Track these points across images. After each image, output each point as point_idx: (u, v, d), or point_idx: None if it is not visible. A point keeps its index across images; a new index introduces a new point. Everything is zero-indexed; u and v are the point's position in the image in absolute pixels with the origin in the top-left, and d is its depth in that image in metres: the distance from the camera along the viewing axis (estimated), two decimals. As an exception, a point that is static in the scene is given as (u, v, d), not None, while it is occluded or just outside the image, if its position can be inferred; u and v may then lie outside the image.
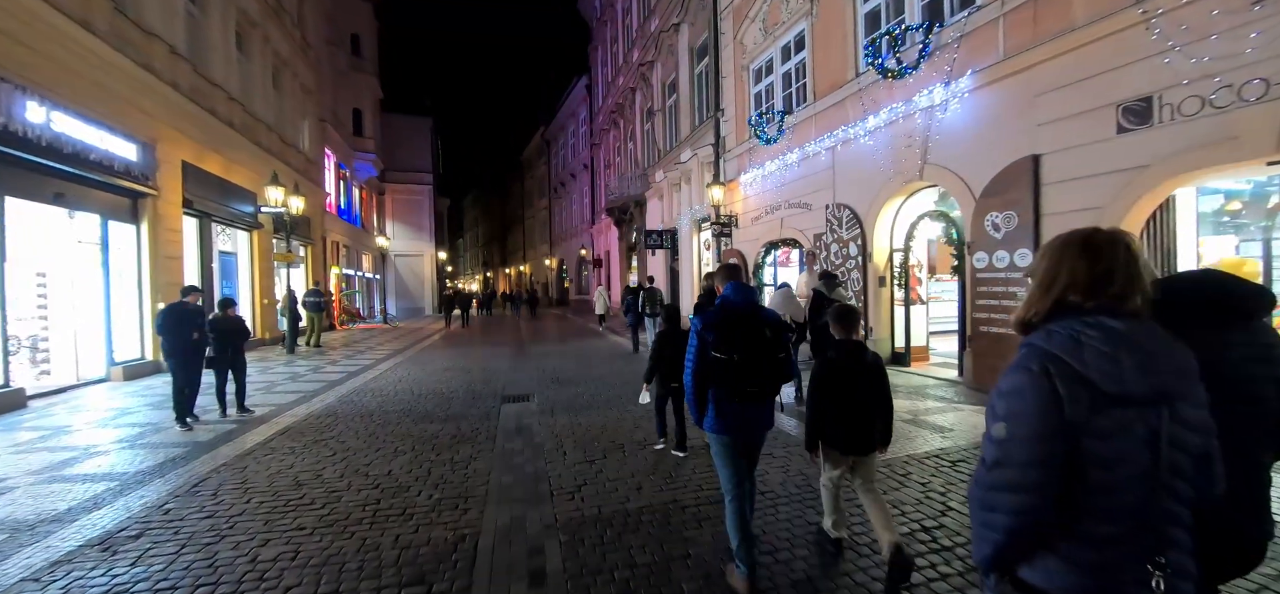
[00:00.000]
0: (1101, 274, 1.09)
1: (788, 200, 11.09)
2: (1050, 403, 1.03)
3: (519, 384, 8.88)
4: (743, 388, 2.62)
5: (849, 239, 9.29)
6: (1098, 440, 1.02)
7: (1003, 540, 1.11)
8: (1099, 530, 1.04)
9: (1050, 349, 1.07)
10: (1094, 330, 1.05)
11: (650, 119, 20.53)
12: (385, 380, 9.40)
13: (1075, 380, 1.02)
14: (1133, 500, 1.02)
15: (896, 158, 8.21)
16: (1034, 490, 1.05)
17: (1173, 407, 1.03)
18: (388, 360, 12.01)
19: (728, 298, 2.77)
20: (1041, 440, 1.04)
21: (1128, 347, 1.03)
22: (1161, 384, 1.03)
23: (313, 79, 20.28)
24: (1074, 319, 1.09)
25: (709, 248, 15.75)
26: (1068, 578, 1.05)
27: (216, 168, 12.91)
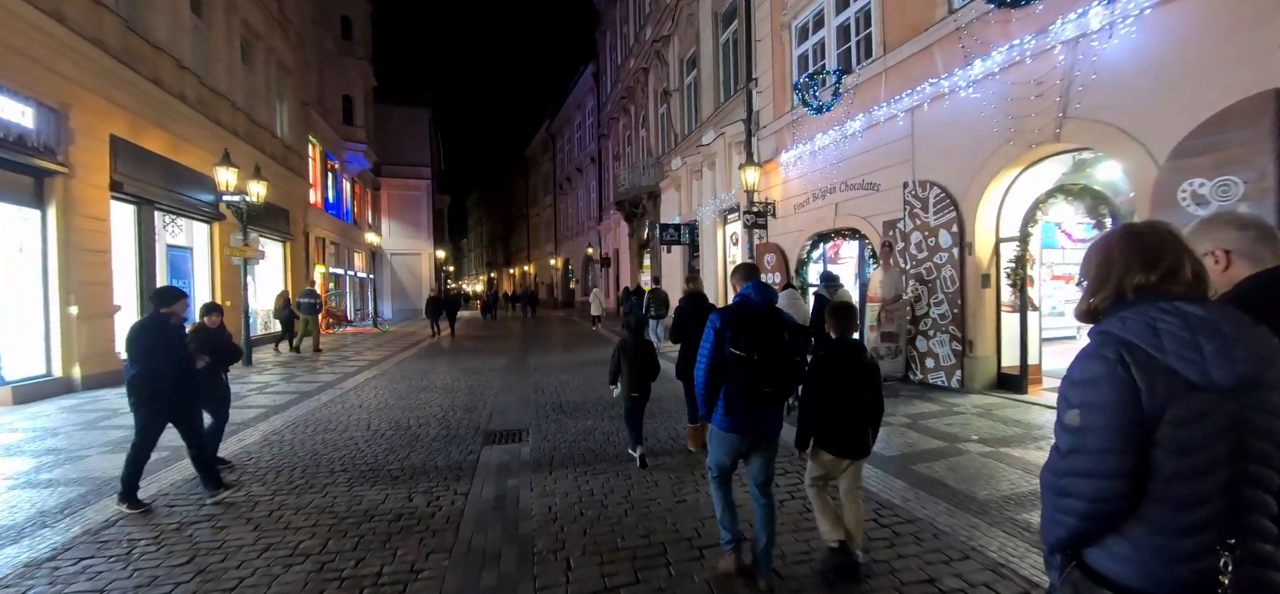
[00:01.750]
0: (1171, 265, 1.08)
1: (845, 181, 8.98)
2: (1126, 391, 1.01)
3: (510, 412, 6.83)
4: (759, 389, 2.56)
5: (938, 226, 7.17)
6: (1175, 428, 1.00)
7: (1077, 524, 1.09)
8: (1172, 518, 1.01)
9: (1125, 336, 1.05)
10: (1172, 316, 1.03)
11: (666, 101, 18.46)
12: (342, 405, 7.36)
13: (1153, 368, 1.01)
14: (1208, 488, 1.00)
15: (1015, 115, 6.10)
16: (1110, 478, 1.03)
17: (1256, 393, 1.00)
18: (360, 374, 9.99)
19: (747, 296, 2.74)
20: (1118, 429, 1.02)
21: (1208, 332, 1.01)
22: (1244, 370, 0.99)
23: (293, 58, 18.34)
24: (1149, 305, 1.06)
25: (737, 242, 13.64)
26: (1137, 564, 1.04)
27: (160, 146, 10.94)
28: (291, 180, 17.95)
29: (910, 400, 6.61)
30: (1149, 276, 1.09)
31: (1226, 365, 0.98)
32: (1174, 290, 1.07)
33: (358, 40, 25.59)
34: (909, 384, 7.42)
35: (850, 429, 2.77)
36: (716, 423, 2.68)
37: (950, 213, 7.00)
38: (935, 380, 7.17)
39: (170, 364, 3.97)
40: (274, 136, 16.83)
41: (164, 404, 3.98)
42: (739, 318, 2.64)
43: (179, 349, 4.07)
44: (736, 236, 13.58)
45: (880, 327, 7.28)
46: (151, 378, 3.90)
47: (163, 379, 3.93)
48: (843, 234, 9.46)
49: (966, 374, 6.83)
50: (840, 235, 9.60)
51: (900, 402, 6.56)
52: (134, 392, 3.92)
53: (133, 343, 3.91)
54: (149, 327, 4.00)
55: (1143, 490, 1.02)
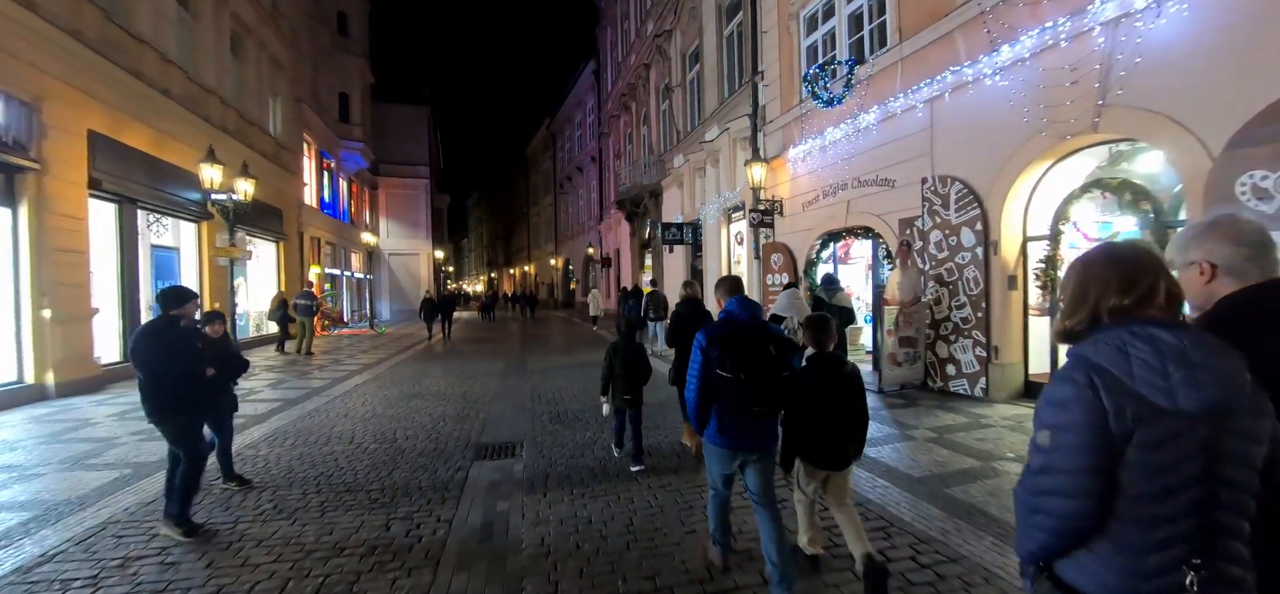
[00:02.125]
0: (1147, 288, 1.09)
1: (858, 177, 8.54)
2: (1094, 414, 1.04)
3: (504, 424, 6.40)
4: (749, 407, 2.54)
5: (960, 224, 6.73)
6: (1142, 451, 1.02)
7: (1047, 539, 1.12)
8: (1139, 536, 1.04)
9: (1097, 360, 1.07)
10: (1143, 342, 1.04)
11: (668, 97, 18.02)
12: (327, 414, 6.94)
13: (1121, 392, 1.03)
14: (1176, 509, 1.02)
15: (1047, 104, 5.66)
16: (1078, 497, 1.06)
17: (1230, 420, 1.02)
18: (350, 379, 9.57)
19: (732, 313, 2.71)
20: (1086, 451, 1.04)
21: (1177, 358, 1.02)
22: (1210, 397, 1.00)
23: (286, 54, 17.94)
24: (1121, 329, 1.08)
25: (742, 241, 13.21)
26: (1104, 579, 1.06)
27: (144, 143, 10.53)
28: (285, 179, 17.55)
29: (933, 411, 6.17)
30: (1123, 300, 1.10)
31: (1193, 392, 1.01)
32: (1149, 314, 1.09)
33: (355, 37, 25.19)
34: (928, 392, 6.99)
35: (831, 441, 2.75)
36: (709, 439, 2.70)
37: (973, 210, 6.56)
38: (957, 388, 6.73)
39: (182, 371, 3.58)
40: (266, 134, 16.43)
41: (189, 408, 3.65)
42: (724, 336, 2.61)
43: (191, 354, 3.66)
44: (741, 236, 13.15)
45: (898, 331, 6.84)
46: (165, 386, 3.53)
47: (180, 385, 3.58)
48: (855, 233, 9.02)
49: (991, 382, 6.39)
50: (852, 234, 9.15)
51: (922, 412, 6.12)
52: (149, 402, 3.54)
53: (138, 349, 3.53)
54: (157, 331, 3.61)
55: (1110, 509, 1.05)
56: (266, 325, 16.89)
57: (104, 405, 7.59)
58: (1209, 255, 1.34)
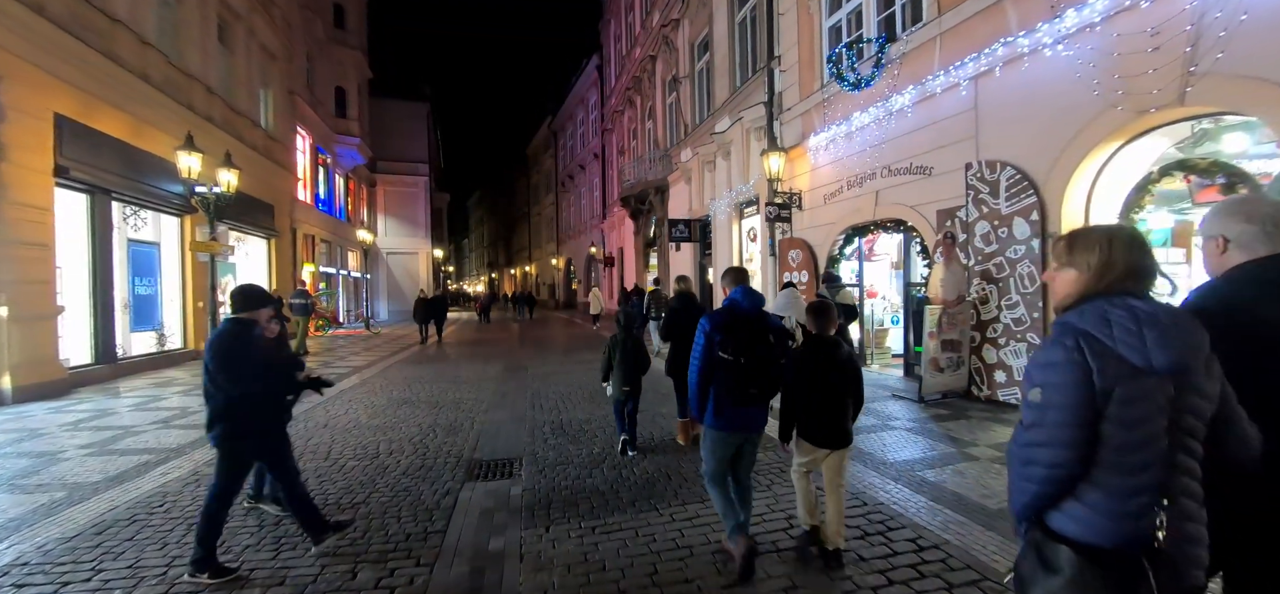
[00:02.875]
0: (1146, 263, 1.25)
1: (889, 165, 7.82)
2: (1080, 371, 1.18)
3: (500, 436, 5.70)
4: (746, 390, 2.69)
5: (1011, 214, 6.02)
6: (1122, 405, 1.16)
7: (1038, 489, 1.25)
8: (1119, 482, 1.18)
9: (1082, 326, 1.22)
10: (1121, 310, 1.20)
11: (674, 89, 17.33)
12: (307, 424, 6.23)
13: (1104, 354, 1.18)
14: (1150, 457, 1.17)
15: (1123, 75, 4.95)
16: (1066, 447, 1.20)
17: (1187, 378, 1.18)
18: (338, 383, 8.85)
19: (736, 301, 2.84)
20: (1073, 405, 1.18)
21: (1151, 324, 1.18)
22: (1178, 358, 1.16)
23: (278, 43, 17.26)
24: (1102, 301, 1.23)
25: (755, 238, 12.50)
26: (1089, 523, 1.20)
27: (120, 130, 9.85)
28: (276, 173, 16.86)
29: (986, 424, 5.46)
30: (1128, 282, 1.24)
31: (1162, 353, 1.16)
32: (1129, 287, 1.24)
33: (351, 29, 24.53)
34: (974, 401, 6.27)
35: (829, 420, 2.88)
36: (708, 422, 2.83)
37: (1028, 198, 5.85)
38: (1008, 397, 6.02)
39: (261, 384, 3.03)
40: (256, 126, 15.74)
41: (257, 438, 3.09)
42: (728, 322, 2.76)
43: (268, 366, 3.10)
44: (754, 232, 12.44)
45: (940, 333, 6.13)
46: (246, 404, 2.98)
47: (261, 404, 3.06)
48: (884, 226, 8.30)
49: (1049, 391, 5.67)
50: (880, 228, 8.44)
51: (975, 426, 5.41)
52: (222, 422, 2.98)
53: (220, 360, 2.93)
54: (237, 337, 3.01)
55: (1093, 459, 1.19)
56: (256, 325, 16.24)
57: (62, 413, 6.90)
58: (1225, 230, 1.47)
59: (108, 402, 7.60)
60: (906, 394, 6.61)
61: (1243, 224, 1.45)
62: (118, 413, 6.90)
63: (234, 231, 14.96)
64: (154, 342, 11.29)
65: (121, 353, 10.18)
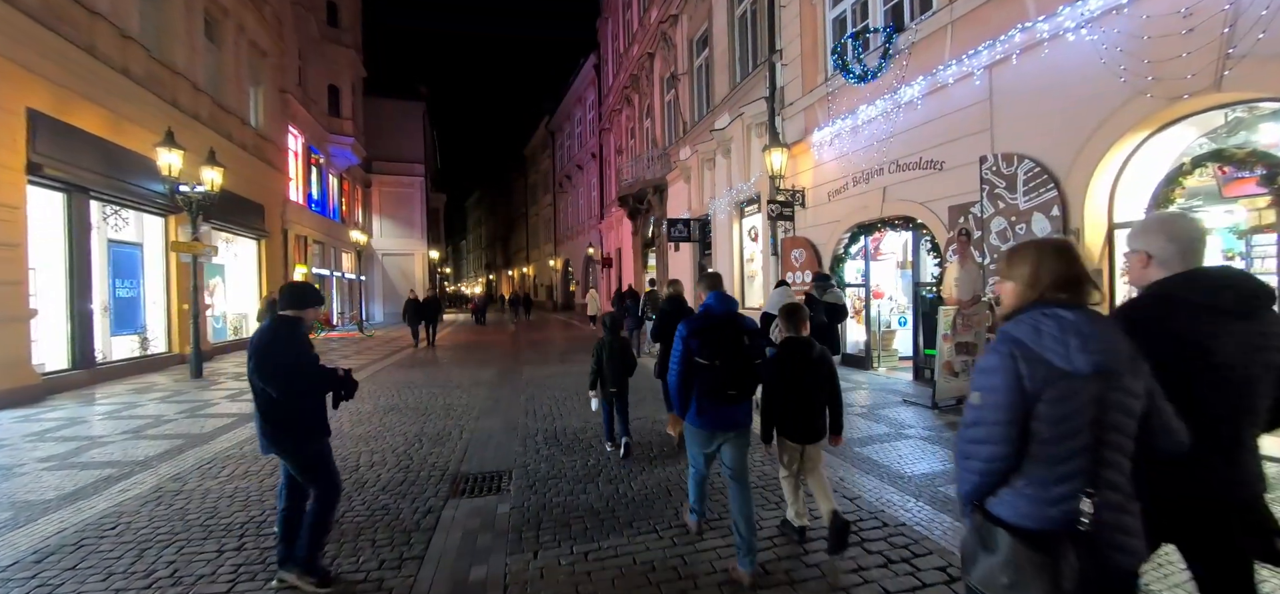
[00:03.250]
0: (1076, 274, 1.38)
1: (897, 160, 7.51)
2: (1014, 377, 1.33)
3: (490, 446, 5.36)
4: (724, 391, 2.76)
5: (1030, 209, 5.70)
6: (1049, 404, 1.30)
7: (977, 480, 1.42)
8: (1048, 472, 1.33)
9: (1016, 335, 1.35)
10: (1049, 320, 1.33)
11: (673, 87, 17.02)
12: (254, 447, 5.88)
13: (1033, 359, 1.32)
14: (1075, 449, 1.31)
15: (1152, 59, 4.64)
16: (1000, 444, 1.36)
17: (1112, 379, 1.31)
18: (321, 390, 8.52)
19: (710, 306, 2.93)
20: (1006, 406, 1.34)
21: (1074, 331, 1.31)
22: (1098, 361, 1.29)
23: (269, 40, 16.93)
24: (1037, 310, 1.36)
25: (756, 237, 12.18)
26: (1022, 507, 1.35)
27: (99, 126, 9.51)
28: (266, 172, 16.52)
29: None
30: (1058, 293, 1.37)
31: (1083, 357, 1.29)
32: (1059, 297, 1.36)
33: (345, 27, 24.19)
34: (990, 407, 5.93)
35: (804, 417, 3.01)
36: (690, 422, 2.93)
37: (1048, 192, 5.53)
38: (1025, 403, 5.68)
39: (309, 387, 2.85)
40: (246, 124, 15.39)
41: (324, 430, 2.95)
42: (703, 327, 2.85)
43: (317, 367, 2.88)
44: (755, 231, 12.13)
45: (954, 336, 5.81)
46: (304, 404, 2.83)
47: (316, 402, 2.91)
48: (892, 224, 7.98)
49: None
50: (887, 226, 8.12)
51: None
52: (277, 426, 2.79)
53: (268, 362, 2.72)
54: (285, 336, 2.79)
55: (1024, 452, 1.34)
56: (247, 328, 15.89)
57: (29, 422, 6.54)
58: (1148, 246, 1.62)
59: (80, 410, 7.25)
60: (918, 400, 6.29)
61: (1165, 242, 1.60)
62: (88, 422, 6.55)
63: (223, 232, 14.62)
64: (137, 345, 10.94)
65: (101, 357, 9.83)
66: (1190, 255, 1.57)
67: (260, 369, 2.71)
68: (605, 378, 4.88)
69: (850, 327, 9.20)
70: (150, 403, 7.65)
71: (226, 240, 14.95)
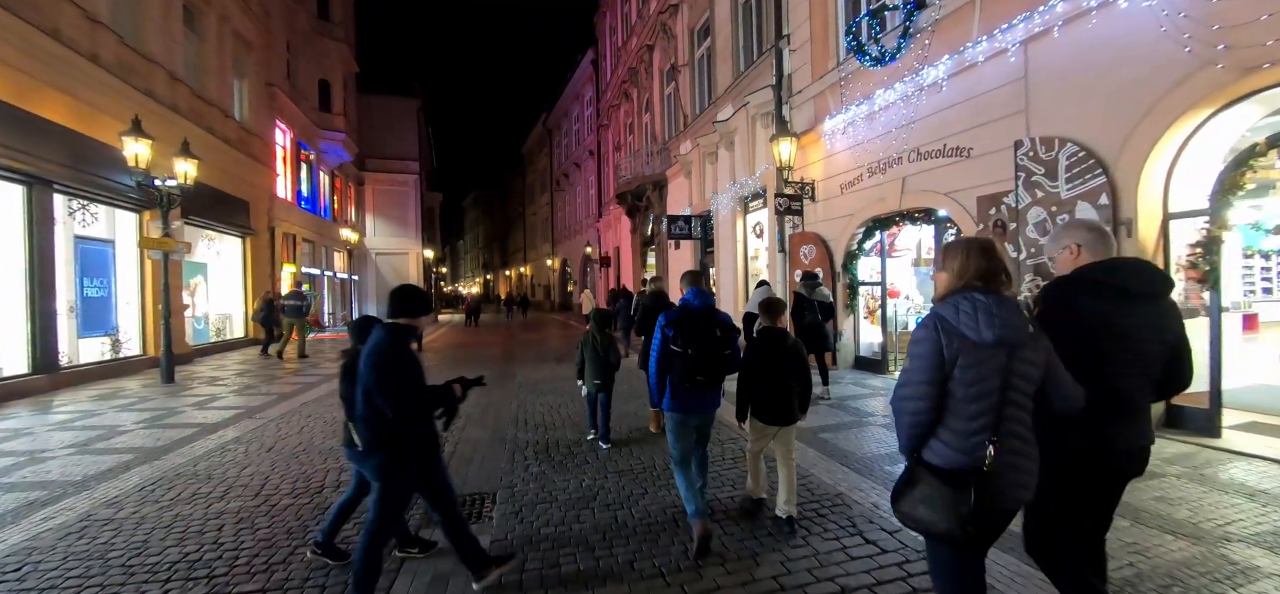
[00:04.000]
0: (990, 268, 1.68)
1: (918, 147, 6.96)
2: (935, 346, 1.64)
3: (475, 462, 4.81)
4: (694, 376, 3.03)
5: (1073, 198, 5.15)
6: (962, 370, 1.62)
7: (907, 431, 1.73)
8: (962, 424, 1.65)
9: (941, 313, 1.67)
10: (966, 302, 1.64)
11: (673, 79, 16.46)
12: (248, 447, 5.32)
13: (951, 332, 1.63)
14: (983, 407, 1.62)
15: (1224, 24, 4.09)
16: (923, 399, 1.67)
17: (1014, 349, 1.61)
18: (300, 395, 7.94)
19: (688, 301, 3.21)
20: (929, 369, 1.65)
21: (984, 311, 1.61)
22: (1000, 334, 1.59)
23: (255, 31, 16.33)
24: (960, 294, 1.67)
25: (761, 233, 11.63)
26: (941, 453, 1.68)
27: (63, 115, 8.93)
28: (251, 168, 15.92)
29: (1052, 446, 4.60)
30: (977, 281, 1.68)
31: (990, 330, 1.59)
32: (979, 286, 1.66)
33: (337, 21, 23.56)
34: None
35: (777, 402, 3.32)
36: (667, 408, 3.18)
37: (1095, 178, 4.98)
38: (1067, 413, 5.13)
39: (419, 401, 2.60)
40: (229, 117, 14.79)
41: (418, 464, 2.70)
42: (680, 319, 3.12)
43: (423, 380, 2.60)
44: (760, 227, 11.58)
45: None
46: (407, 425, 2.56)
47: (420, 424, 2.67)
48: (912, 217, 7.42)
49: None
50: (907, 218, 7.56)
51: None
52: (386, 448, 2.54)
53: (382, 375, 2.44)
54: (397, 345, 2.52)
55: (944, 408, 1.66)
56: (231, 329, 15.31)
57: (-31, 433, 5.95)
58: (1076, 239, 1.97)
59: (31, 419, 6.67)
60: None
61: (1088, 234, 1.98)
62: (34, 433, 5.96)
63: (205, 230, 14.04)
64: (107, 348, 10.34)
65: (66, 361, 9.23)
66: (1108, 247, 1.94)
67: (382, 386, 2.41)
68: (589, 371, 5.06)
69: (865, 328, 8.66)
70: (111, 411, 7.06)
71: (209, 238, 14.36)
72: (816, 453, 4.69)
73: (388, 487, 2.57)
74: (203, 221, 13.66)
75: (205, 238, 14.25)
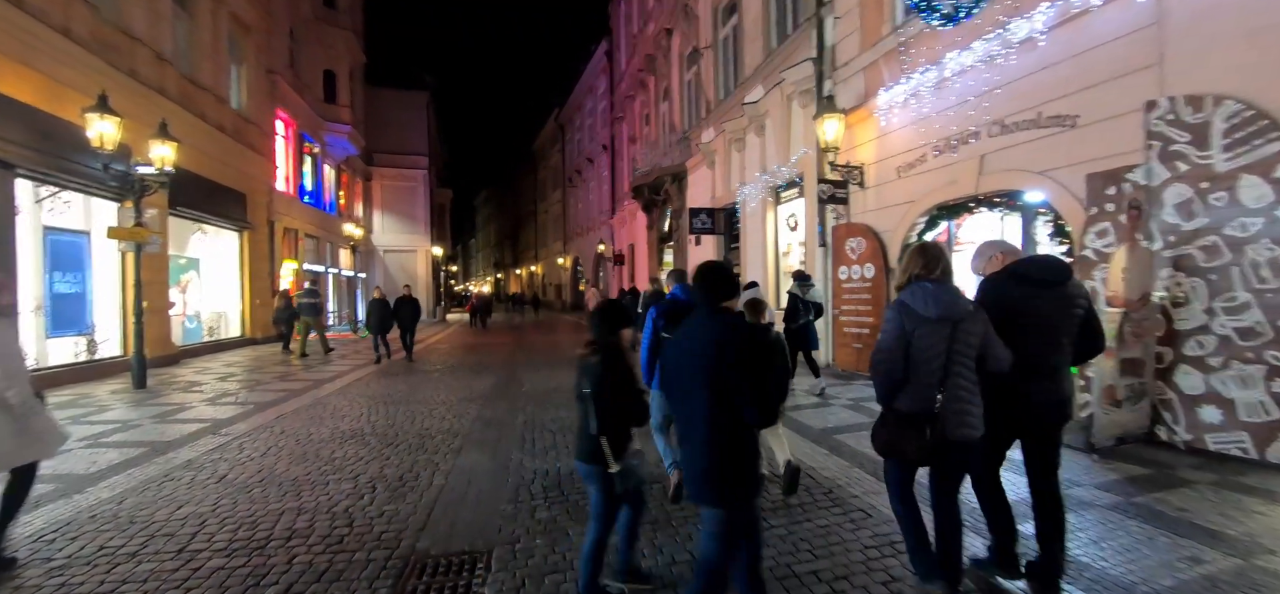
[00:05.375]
0: (936, 260, 2.30)
1: (1003, 118, 5.84)
2: (899, 323, 2.25)
3: (469, 501, 3.79)
4: None
5: (1233, 171, 4.02)
6: (917, 340, 2.21)
7: (883, 388, 2.33)
8: (919, 380, 2.23)
9: (903, 299, 2.28)
10: (919, 290, 2.25)
11: (695, 63, 15.38)
12: (196, 476, 4.37)
13: (908, 313, 2.24)
14: (934, 367, 2.21)
15: None
16: (893, 363, 2.26)
17: (957, 324, 2.19)
18: (289, 403, 7.01)
19: (676, 295, 3.84)
20: (894, 339, 2.26)
21: (931, 296, 2.21)
22: (947, 312, 2.19)
23: (254, 15, 15.53)
24: (917, 284, 2.28)
25: (795, 226, 10.52)
26: (906, 403, 2.26)
27: (29, 93, 8.12)
28: (249, 158, 15.11)
29: (1222, 492, 3.47)
30: (923, 273, 2.29)
31: (936, 309, 2.18)
32: (931, 277, 2.26)
33: (343, 10, 22.79)
34: (1164, 448, 4.26)
35: None
36: (654, 386, 3.61)
37: (1268, 144, 3.84)
38: (1222, 446, 4.02)
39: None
40: (224, 104, 13.98)
41: None
42: (668, 310, 3.59)
43: None
44: (796, 219, 10.47)
45: (1118, 349, 4.13)
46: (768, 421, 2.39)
47: None
48: (991, 201, 6.27)
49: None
50: (983, 204, 6.41)
51: (1210, 498, 3.41)
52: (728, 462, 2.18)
53: (756, 368, 1.96)
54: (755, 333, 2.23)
55: (907, 369, 2.24)
56: (225, 328, 14.50)
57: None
58: (1001, 250, 2.68)
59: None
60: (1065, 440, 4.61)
61: (1004, 247, 2.73)
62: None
63: (199, 223, 13.24)
64: (82, 348, 9.52)
65: (33, 362, 8.39)
66: (1011, 255, 2.65)
67: (757, 385, 1.94)
68: None
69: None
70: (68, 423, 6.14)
71: (201, 231, 13.56)
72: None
73: (736, 515, 2.01)
74: (195, 214, 12.86)
75: (198, 231, 13.46)
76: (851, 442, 4.84)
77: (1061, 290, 2.40)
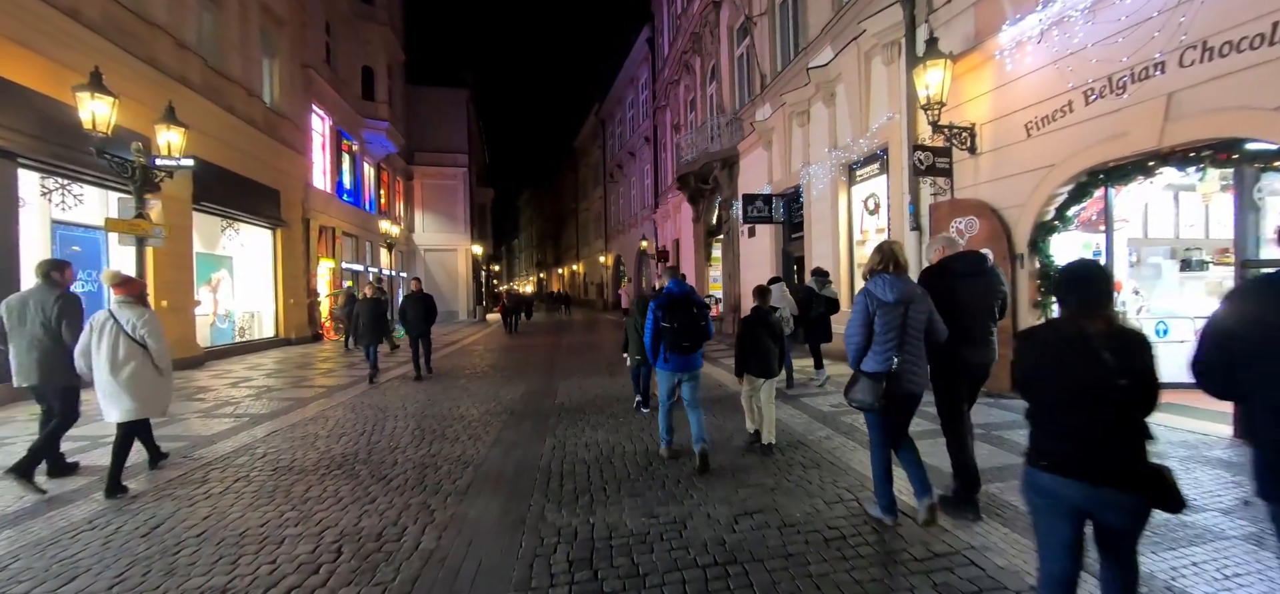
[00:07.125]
0: (890, 258, 3.05)
1: (1207, 37, 4.17)
2: (864, 306, 3.01)
3: (458, 580, 2.56)
4: (679, 344, 4.17)
5: None
6: (879, 317, 2.97)
7: (854, 354, 3.06)
8: (881, 348, 2.97)
9: (869, 286, 3.03)
10: (880, 280, 3.00)
11: (747, 35, 13.87)
12: (127, 523, 3.34)
13: (872, 297, 2.99)
14: (892, 337, 2.95)
15: None
16: (860, 336, 3.03)
17: (909, 306, 2.96)
18: (289, 415, 6.06)
19: (670, 289, 4.35)
20: (860, 320, 3.02)
21: (889, 284, 2.96)
22: (901, 296, 2.94)
23: (287, 7, 15.07)
24: (877, 276, 3.03)
25: (876, 208, 8.91)
26: (871, 365, 2.99)
27: (34, 79, 7.58)
28: (282, 154, 14.65)
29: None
30: (882, 267, 3.05)
31: (892, 293, 2.93)
32: (890, 270, 3.01)
33: (381, 6, 22.38)
34: None
35: (762, 362, 4.45)
36: (659, 366, 4.30)
37: None
38: None
39: None
40: (255, 97, 13.48)
41: None
42: (665, 302, 4.22)
43: None
44: (876, 200, 8.86)
45: None
46: None
47: None
48: (1185, 157, 4.57)
49: None
50: (1168, 161, 4.70)
51: None
52: None
53: None
54: None
55: (871, 339, 2.99)
56: (257, 329, 14.07)
57: None
58: (940, 245, 3.45)
59: (-78, 450, 5.03)
60: (1208, 506, 3.04)
61: (945, 241, 3.47)
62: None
63: (229, 220, 12.79)
64: (98, 351, 8.96)
65: (39, 367, 7.81)
66: (956, 249, 3.39)
67: None
68: (634, 346, 5.92)
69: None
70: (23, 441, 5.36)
71: (233, 229, 13.10)
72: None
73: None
74: (225, 210, 12.39)
75: (230, 228, 13.01)
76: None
77: (983, 279, 3.23)
